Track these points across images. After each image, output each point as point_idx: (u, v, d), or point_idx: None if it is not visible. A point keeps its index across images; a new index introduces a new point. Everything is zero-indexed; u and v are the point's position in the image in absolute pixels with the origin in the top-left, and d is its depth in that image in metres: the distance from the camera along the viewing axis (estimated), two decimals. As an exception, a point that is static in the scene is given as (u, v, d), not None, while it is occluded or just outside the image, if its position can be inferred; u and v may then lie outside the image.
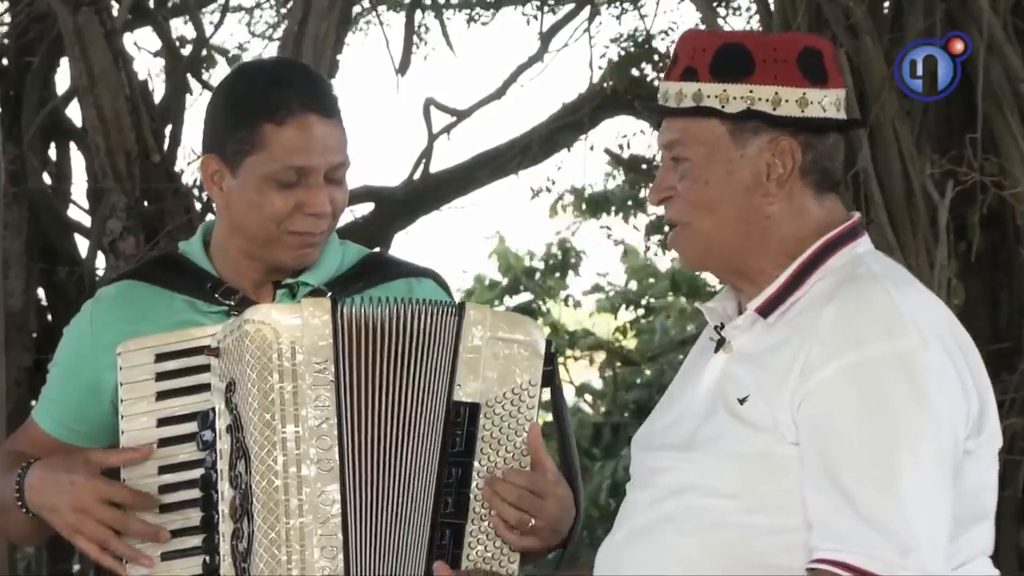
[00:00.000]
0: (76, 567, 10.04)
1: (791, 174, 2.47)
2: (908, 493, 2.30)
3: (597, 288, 15.07)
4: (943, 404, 2.36)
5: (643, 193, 12.75)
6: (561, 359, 14.40)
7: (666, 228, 2.58)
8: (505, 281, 15.27)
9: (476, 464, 2.66)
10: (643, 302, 14.59)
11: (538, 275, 14.95)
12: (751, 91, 2.46)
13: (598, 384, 14.31)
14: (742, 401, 2.42)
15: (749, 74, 2.47)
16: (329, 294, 2.77)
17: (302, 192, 2.76)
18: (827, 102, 2.49)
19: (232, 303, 2.81)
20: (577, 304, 14.98)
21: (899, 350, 2.34)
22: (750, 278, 2.51)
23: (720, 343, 2.54)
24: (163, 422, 2.72)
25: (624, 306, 14.80)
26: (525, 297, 15.01)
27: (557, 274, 14.80)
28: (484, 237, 15.98)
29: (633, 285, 15.04)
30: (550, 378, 2.72)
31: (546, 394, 2.75)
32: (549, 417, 2.86)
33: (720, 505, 2.39)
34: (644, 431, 2.63)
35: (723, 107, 2.47)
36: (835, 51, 2.56)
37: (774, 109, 2.46)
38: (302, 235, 2.78)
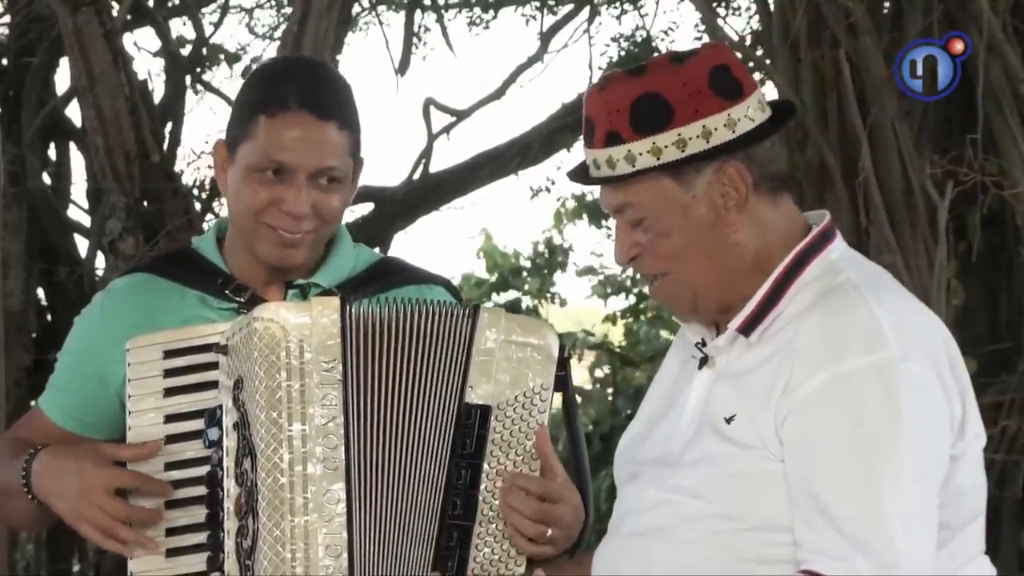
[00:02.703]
0: (76, 567, 10.03)
1: (747, 195, 2.46)
2: (889, 508, 2.30)
3: (590, 270, 14.97)
4: (924, 415, 2.35)
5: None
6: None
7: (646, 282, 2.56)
8: (493, 279, 15.22)
9: (485, 466, 2.66)
10: (635, 290, 14.52)
11: (525, 274, 14.89)
12: (679, 134, 2.43)
13: (587, 384, 14.27)
14: (729, 420, 2.42)
15: (671, 119, 2.43)
16: (340, 294, 2.77)
17: (281, 188, 2.77)
18: (751, 111, 2.47)
19: (242, 300, 2.82)
20: (564, 302, 14.89)
21: (877, 362, 2.33)
22: (736, 308, 2.50)
23: (704, 360, 2.53)
24: (170, 418, 2.73)
25: (616, 293, 14.71)
26: (512, 295, 14.98)
27: (545, 271, 14.74)
28: (469, 237, 16.00)
29: (627, 272, 14.91)
30: (562, 383, 2.73)
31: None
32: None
33: (711, 521, 2.39)
34: (630, 440, 2.63)
35: (659, 160, 2.44)
36: (734, 54, 2.53)
37: (707, 142, 2.44)
38: (277, 231, 2.79)
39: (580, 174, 2.56)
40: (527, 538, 2.64)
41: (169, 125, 9.09)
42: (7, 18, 9.40)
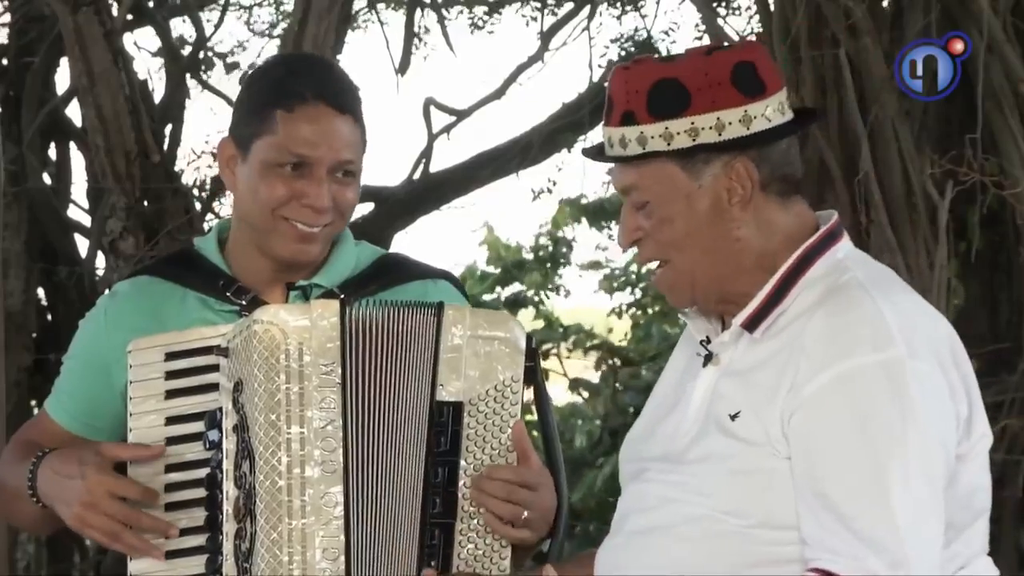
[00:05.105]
0: (76, 568, 10.03)
1: (752, 193, 2.46)
2: (898, 506, 2.30)
3: (595, 264, 14.91)
4: (931, 413, 2.35)
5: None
6: (555, 352, 14.39)
7: (647, 269, 2.56)
8: (497, 272, 15.21)
9: (462, 463, 2.67)
10: (641, 285, 14.47)
11: (528, 267, 14.85)
12: (692, 123, 2.44)
13: (594, 378, 14.23)
14: (733, 417, 2.42)
15: (687, 107, 2.44)
16: (341, 297, 2.77)
17: (303, 183, 2.77)
18: (770, 111, 2.47)
19: (244, 303, 2.82)
20: (568, 293, 14.85)
21: (885, 360, 2.33)
22: (735, 302, 2.50)
23: (708, 357, 2.53)
24: (171, 421, 2.73)
25: (621, 289, 14.64)
26: (516, 288, 14.95)
27: (548, 265, 14.69)
28: (471, 230, 15.98)
29: (633, 266, 14.86)
30: (532, 374, 2.73)
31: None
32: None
33: (717, 517, 2.39)
34: (635, 437, 2.63)
35: (669, 145, 2.45)
36: (766, 54, 2.53)
37: (719, 135, 2.44)
38: (295, 226, 2.79)
39: (597, 152, 2.57)
40: (505, 521, 2.65)
41: (169, 125, 9.11)
42: (7, 18, 9.41)
